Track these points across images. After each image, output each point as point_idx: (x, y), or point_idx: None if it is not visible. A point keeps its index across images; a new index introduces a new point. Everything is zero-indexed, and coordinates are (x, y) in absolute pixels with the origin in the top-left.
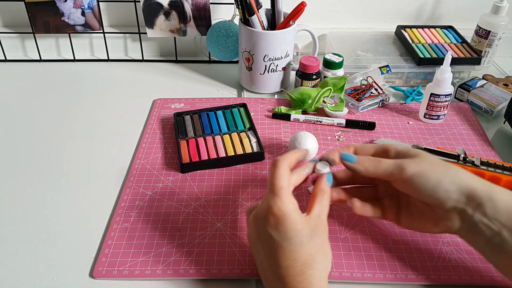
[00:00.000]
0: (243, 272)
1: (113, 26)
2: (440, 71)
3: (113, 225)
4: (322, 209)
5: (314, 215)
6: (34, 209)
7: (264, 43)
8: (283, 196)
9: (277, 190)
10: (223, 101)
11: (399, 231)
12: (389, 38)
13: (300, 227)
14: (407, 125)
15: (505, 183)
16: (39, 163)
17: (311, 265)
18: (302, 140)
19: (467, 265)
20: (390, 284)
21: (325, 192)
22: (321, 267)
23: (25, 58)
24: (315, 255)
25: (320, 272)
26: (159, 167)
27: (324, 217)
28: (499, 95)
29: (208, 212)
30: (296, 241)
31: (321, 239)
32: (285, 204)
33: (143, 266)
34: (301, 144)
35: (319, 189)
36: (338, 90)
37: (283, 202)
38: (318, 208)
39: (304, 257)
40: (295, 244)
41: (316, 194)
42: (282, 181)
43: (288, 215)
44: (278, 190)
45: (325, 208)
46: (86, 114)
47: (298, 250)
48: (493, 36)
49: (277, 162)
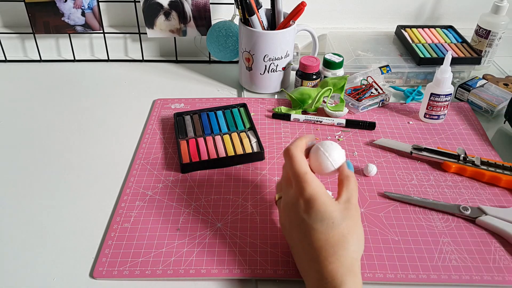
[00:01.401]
0: (243, 272)
1: (113, 26)
2: (440, 71)
3: (113, 225)
4: (351, 193)
5: (343, 199)
6: (34, 209)
7: (264, 43)
8: (310, 180)
9: (302, 176)
10: (223, 101)
11: (399, 231)
12: (389, 38)
13: (331, 209)
14: (407, 125)
15: (505, 183)
16: (39, 163)
17: (343, 246)
18: (329, 150)
19: (467, 265)
20: (390, 284)
21: (350, 177)
22: (354, 247)
23: (25, 58)
24: (347, 236)
25: (352, 253)
26: (159, 167)
27: (354, 200)
28: (499, 94)
29: (208, 212)
30: (327, 222)
31: (353, 221)
32: (314, 188)
33: (143, 266)
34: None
35: (343, 176)
36: (338, 90)
37: (311, 186)
38: (346, 193)
39: (336, 238)
40: (326, 225)
41: (342, 180)
42: (304, 167)
43: (318, 198)
44: (304, 176)
45: (354, 191)
46: (86, 114)
47: (329, 231)
48: (493, 36)
49: (291, 152)
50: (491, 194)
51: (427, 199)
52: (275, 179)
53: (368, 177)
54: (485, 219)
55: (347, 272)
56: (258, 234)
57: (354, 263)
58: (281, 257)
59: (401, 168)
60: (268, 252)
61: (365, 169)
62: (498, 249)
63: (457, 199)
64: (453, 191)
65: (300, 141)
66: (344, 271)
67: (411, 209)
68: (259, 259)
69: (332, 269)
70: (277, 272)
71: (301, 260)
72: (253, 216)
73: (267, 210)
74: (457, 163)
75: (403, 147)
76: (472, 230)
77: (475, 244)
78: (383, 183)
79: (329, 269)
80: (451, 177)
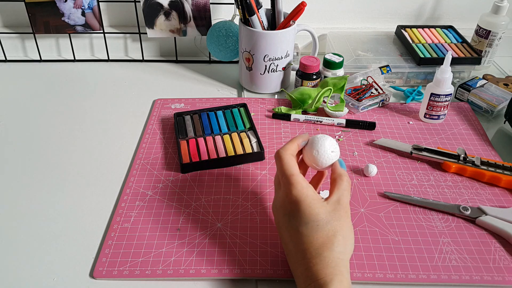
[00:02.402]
0: (243, 272)
1: (113, 26)
2: (440, 71)
3: (113, 225)
4: (342, 193)
5: (333, 200)
6: (34, 209)
7: (264, 43)
8: (296, 182)
9: (289, 178)
10: (223, 101)
11: (399, 231)
12: (389, 38)
13: (316, 212)
14: (407, 125)
15: (505, 183)
16: (39, 164)
17: (328, 247)
18: (321, 144)
19: (467, 265)
20: (390, 284)
21: (343, 176)
22: (340, 248)
23: (25, 58)
24: (332, 238)
25: (337, 253)
26: (159, 167)
27: (345, 200)
28: (499, 95)
29: (208, 212)
30: (312, 225)
31: (340, 222)
32: (299, 190)
33: (143, 266)
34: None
35: (336, 174)
36: (338, 90)
37: (297, 188)
38: (337, 193)
39: (321, 240)
40: (311, 228)
41: (334, 179)
42: (291, 169)
43: (303, 200)
44: (290, 177)
45: (345, 191)
46: (86, 114)
47: (313, 234)
48: (493, 36)
49: (280, 154)
50: (491, 194)
51: (427, 199)
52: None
53: (368, 177)
54: (485, 219)
55: (332, 272)
56: (258, 234)
57: (340, 263)
58: (281, 257)
59: (401, 168)
60: (268, 252)
61: (365, 169)
62: (498, 249)
63: (457, 199)
64: (453, 191)
65: (290, 144)
66: (329, 271)
67: (411, 209)
68: (259, 259)
69: (316, 270)
70: (277, 272)
71: (290, 260)
72: (253, 216)
73: (267, 210)
74: (457, 163)
75: (403, 147)
76: (472, 230)
77: (475, 244)
78: (383, 183)
79: (314, 270)
80: (451, 177)
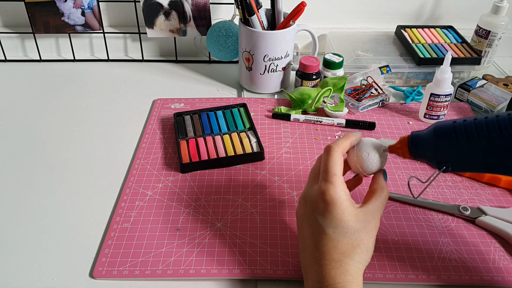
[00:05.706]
0: (243, 272)
1: (113, 26)
2: (440, 71)
3: (113, 225)
4: (378, 206)
5: (368, 210)
6: (34, 209)
7: (264, 43)
8: (336, 183)
9: (331, 177)
10: (223, 101)
11: (399, 231)
12: (389, 38)
13: (348, 218)
14: (407, 125)
15: (505, 183)
16: (39, 163)
17: (350, 256)
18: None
19: (467, 265)
20: (390, 284)
21: (384, 188)
22: (360, 259)
23: (25, 58)
24: (356, 248)
25: (357, 263)
26: (159, 167)
27: (378, 214)
28: (499, 95)
29: (208, 212)
30: (340, 230)
31: (368, 234)
32: (337, 192)
33: (143, 266)
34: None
35: (378, 186)
36: (338, 90)
37: (335, 190)
38: (374, 204)
39: (345, 247)
40: (338, 233)
41: (375, 190)
42: (336, 168)
43: (338, 203)
44: (332, 177)
45: (381, 205)
46: (86, 114)
47: (340, 239)
48: (493, 36)
49: (331, 149)
50: (491, 194)
51: (427, 199)
52: (275, 179)
53: (369, 178)
54: (484, 219)
55: (350, 280)
56: (258, 234)
57: (358, 272)
58: (281, 257)
59: (401, 168)
60: (268, 252)
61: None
62: (498, 249)
63: (457, 199)
64: (453, 191)
65: (343, 141)
66: (347, 278)
67: (411, 209)
68: (259, 259)
69: (335, 274)
70: (277, 272)
71: (305, 256)
72: (253, 216)
73: (267, 210)
74: None
75: None
76: (472, 231)
77: (474, 244)
78: None
79: (332, 274)
80: (451, 177)
